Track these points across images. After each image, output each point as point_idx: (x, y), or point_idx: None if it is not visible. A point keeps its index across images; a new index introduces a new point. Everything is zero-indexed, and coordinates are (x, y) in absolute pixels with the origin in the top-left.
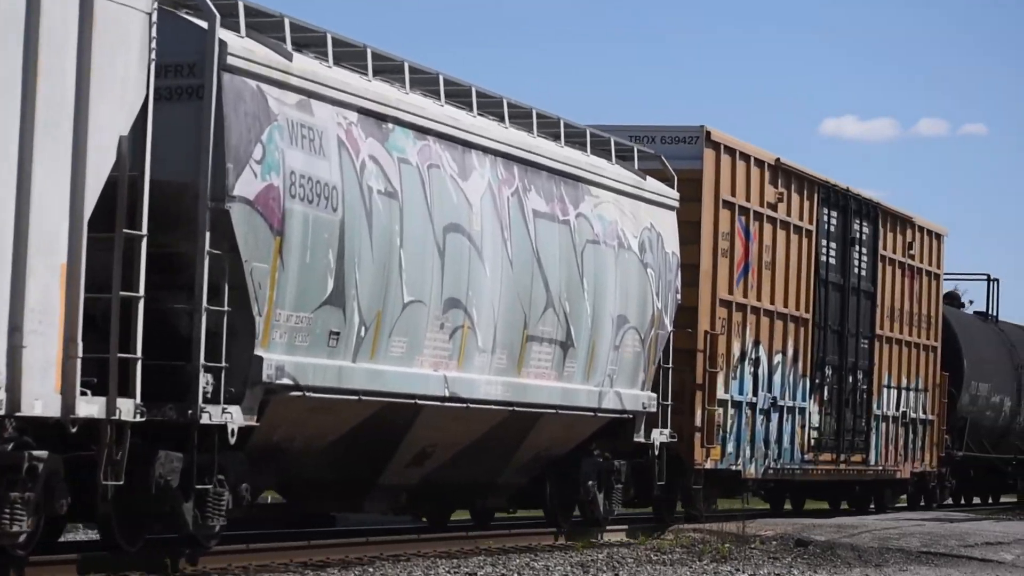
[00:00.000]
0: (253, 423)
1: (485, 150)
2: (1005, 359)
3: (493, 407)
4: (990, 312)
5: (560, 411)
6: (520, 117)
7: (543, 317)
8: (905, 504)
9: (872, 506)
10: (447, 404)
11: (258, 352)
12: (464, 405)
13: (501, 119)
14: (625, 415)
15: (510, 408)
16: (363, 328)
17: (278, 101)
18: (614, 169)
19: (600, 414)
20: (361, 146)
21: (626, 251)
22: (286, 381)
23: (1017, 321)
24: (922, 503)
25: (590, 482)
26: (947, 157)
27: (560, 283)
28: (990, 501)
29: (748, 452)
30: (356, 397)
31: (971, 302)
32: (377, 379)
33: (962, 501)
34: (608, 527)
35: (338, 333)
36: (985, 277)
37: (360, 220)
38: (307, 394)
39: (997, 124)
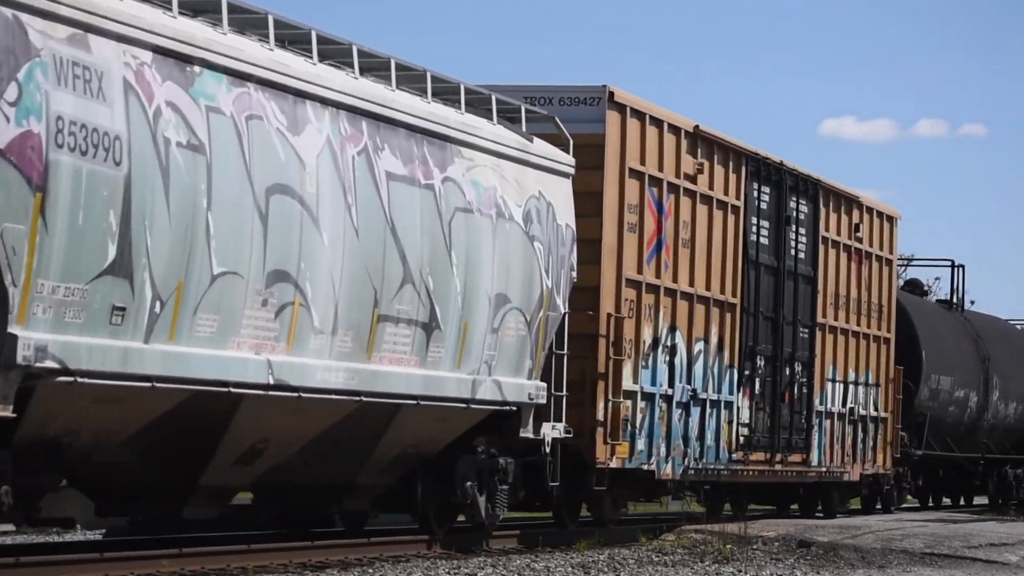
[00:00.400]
0: (8, 414)
1: (324, 102)
2: (971, 351)
3: (335, 397)
4: (955, 301)
5: (423, 402)
6: (377, 69)
7: (399, 294)
8: (859, 507)
9: (820, 510)
10: (273, 393)
11: (12, 329)
12: (295, 395)
13: (351, 69)
14: (507, 407)
15: (357, 398)
16: (158, 303)
17: (42, 34)
18: (494, 129)
19: (475, 406)
20: (156, 90)
21: (507, 222)
22: (50, 364)
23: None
24: (878, 506)
25: (468, 483)
26: (946, 157)
27: (422, 256)
28: (962, 503)
29: (663, 450)
30: (148, 384)
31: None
32: (178, 363)
33: (930, 503)
34: (497, 533)
35: (124, 308)
36: (949, 263)
37: (152, 176)
38: (80, 380)
39: (997, 125)
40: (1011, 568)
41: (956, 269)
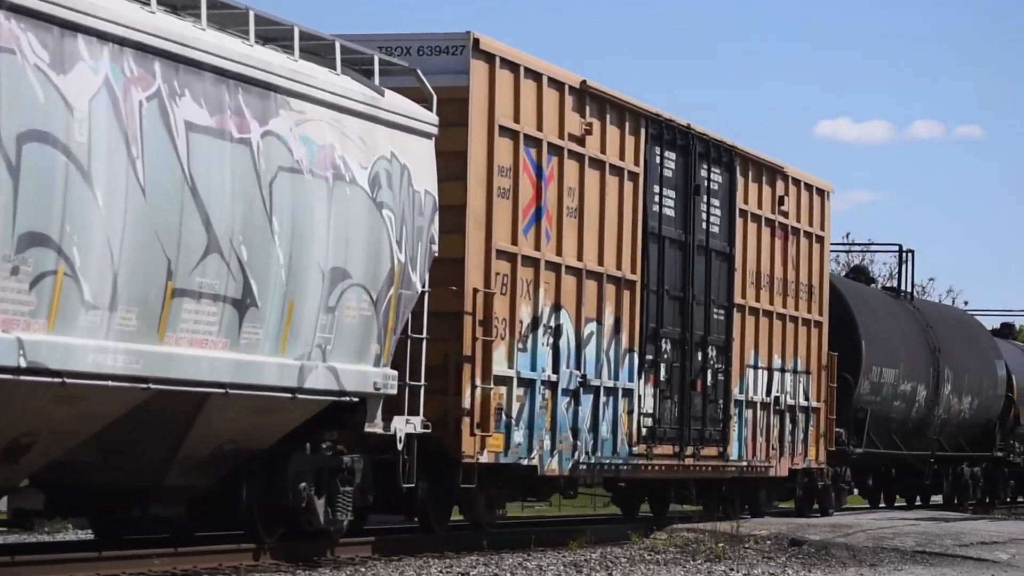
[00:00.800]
0: None
1: (104, 36)
2: (919, 341)
3: (115, 384)
4: (903, 288)
5: (233, 391)
6: (190, 7)
7: (202, 265)
8: (792, 506)
9: (747, 510)
10: (27, 379)
11: None
12: (59, 380)
13: (145, 2)
14: (347, 398)
15: (145, 386)
16: None
17: None
18: (333, 79)
19: (304, 396)
20: None
21: (348, 185)
22: None
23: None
24: (815, 506)
25: (302, 484)
26: (942, 159)
27: (232, 221)
28: (918, 503)
29: (548, 443)
30: None
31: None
32: None
33: (881, 503)
34: (346, 540)
35: None
36: (897, 247)
37: None
38: None
39: (992, 126)
40: (1002, 566)
41: (904, 254)
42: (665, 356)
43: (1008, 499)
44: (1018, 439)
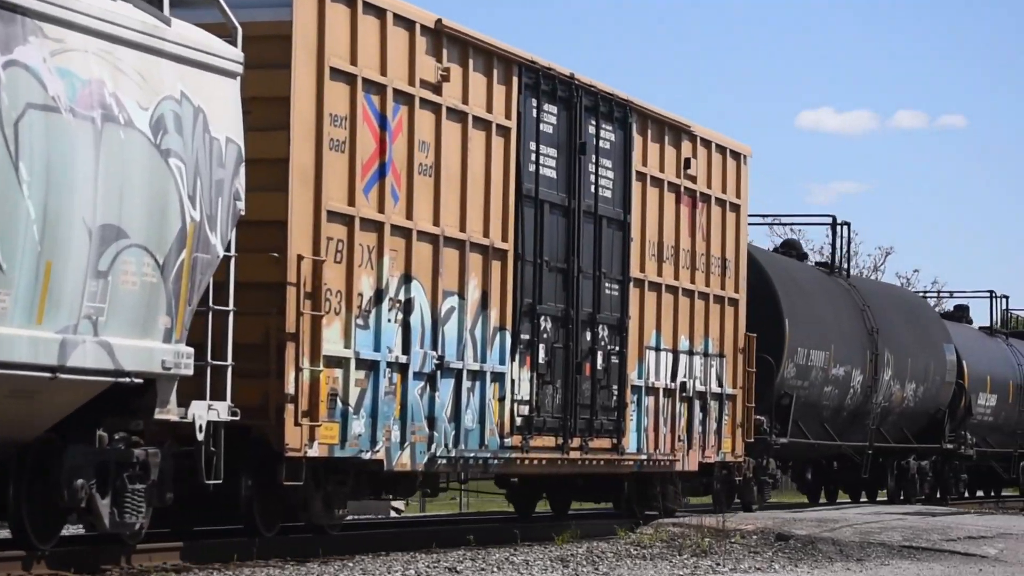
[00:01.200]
0: None
1: None
2: (854, 322)
3: None
4: (838, 264)
5: None
6: None
7: None
8: (710, 503)
9: (655, 506)
10: None
11: None
12: None
13: None
14: (127, 379)
15: None
16: None
17: None
18: (104, 5)
19: (68, 376)
20: None
21: (122, 128)
22: None
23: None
24: (737, 500)
25: (79, 481)
26: (925, 148)
27: None
28: (863, 499)
29: (396, 434)
30: None
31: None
32: None
33: (822, 500)
34: (144, 547)
35: None
36: (830, 220)
37: None
38: None
39: (975, 116)
40: (989, 560)
41: (839, 228)
42: (545, 336)
43: (961, 494)
44: (971, 430)
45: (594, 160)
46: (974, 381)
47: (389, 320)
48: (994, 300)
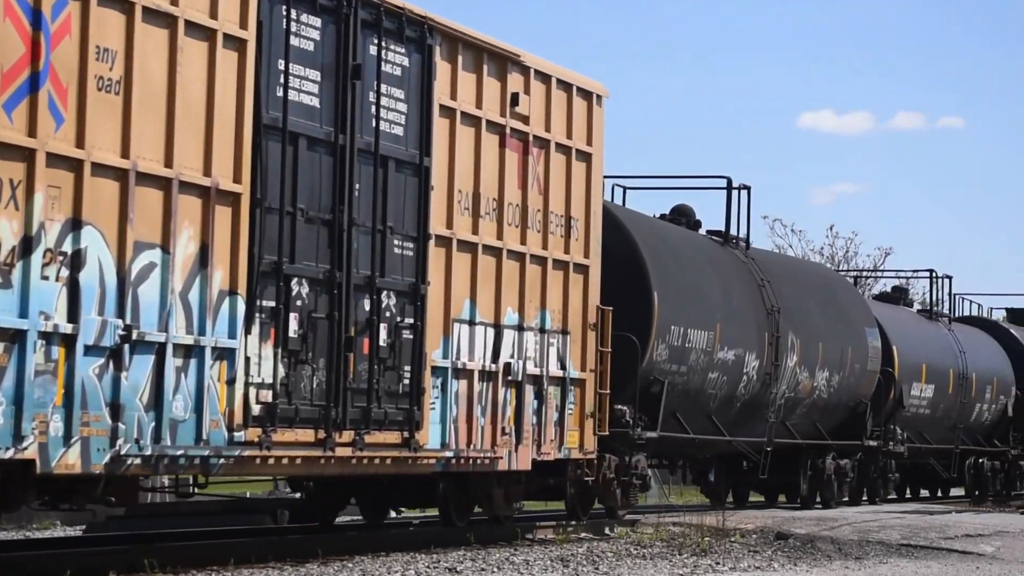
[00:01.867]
0: None
1: None
2: (750, 299)
3: None
4: (737, 235)
5: None
6: None
7: None
8: (563, 511)
9: (481, 514)
10: None
11: None
12: None
13: None
14: None
15: None
16: None
17: None
18: None
19: None
20: None
21: None
22: None
23: None
24: (599, 506)
25: None
26: (924, 150)
27: None
28: (782, 500)
29: (59, 426)
30: None
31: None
32: None
33: (729, 500)
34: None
35: None
36: (725, 182)
37: None
38: None
39: (974, 117)
40: (987, 558)
41: (737, 192)
42: (299, 304)
43: (891, 496)
44: (902, 424)
45: (375, 88)
46: (906, 369)
47: (46, 277)
48: (934, 281)
